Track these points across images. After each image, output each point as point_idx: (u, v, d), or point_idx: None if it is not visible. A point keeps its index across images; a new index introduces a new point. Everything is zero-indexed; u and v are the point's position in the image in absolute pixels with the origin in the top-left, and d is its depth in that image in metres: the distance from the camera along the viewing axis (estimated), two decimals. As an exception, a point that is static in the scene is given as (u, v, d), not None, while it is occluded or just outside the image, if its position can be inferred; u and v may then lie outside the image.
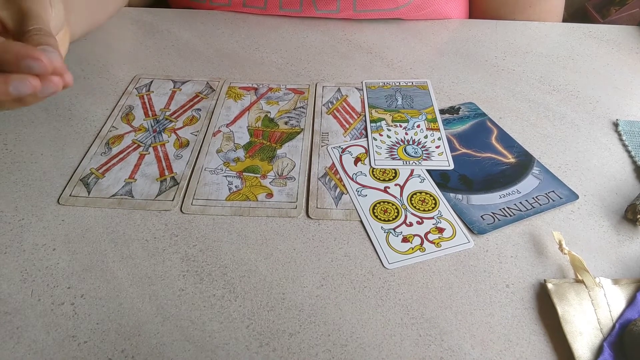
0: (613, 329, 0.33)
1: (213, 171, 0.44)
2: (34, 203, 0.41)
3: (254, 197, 0.42)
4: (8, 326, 0.33)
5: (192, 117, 0.50)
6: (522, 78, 0.56)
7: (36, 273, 0.36)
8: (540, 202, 0.42)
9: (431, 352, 0.32)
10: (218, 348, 0.32)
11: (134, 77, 0.56)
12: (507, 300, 0.35)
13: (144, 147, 0.47)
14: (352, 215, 0.41)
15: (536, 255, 0.38)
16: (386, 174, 0.44)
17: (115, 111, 0.51)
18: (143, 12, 0.67)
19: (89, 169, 0.44)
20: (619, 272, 0.37)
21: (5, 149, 0.46)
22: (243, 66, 0.58)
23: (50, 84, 0.33)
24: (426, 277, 0.37)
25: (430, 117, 0.50)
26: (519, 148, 0.47)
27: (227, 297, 0.35)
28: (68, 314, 0.34)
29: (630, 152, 0.47)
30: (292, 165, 0.45)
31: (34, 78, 0.32)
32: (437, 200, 0.42)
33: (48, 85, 0.33)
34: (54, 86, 0.33)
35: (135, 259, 0.37)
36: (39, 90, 0.33)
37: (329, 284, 0.36)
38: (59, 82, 0.34)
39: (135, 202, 0.41)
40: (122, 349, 0.32)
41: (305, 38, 0.63)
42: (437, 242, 0.39)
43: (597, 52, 0.61)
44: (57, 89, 0.34)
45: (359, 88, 0.54)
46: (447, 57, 0.60)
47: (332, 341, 0.33)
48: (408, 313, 0.34)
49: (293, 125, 0.49)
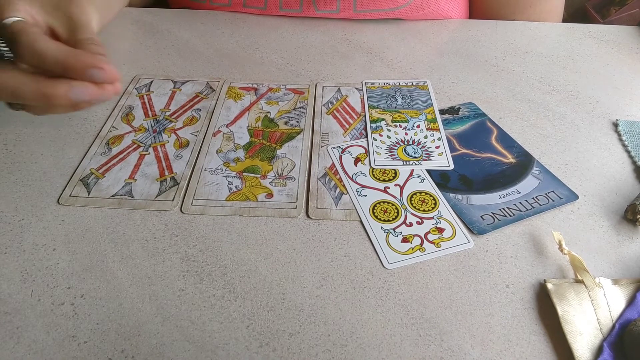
0: (613, 329, 0.33)
1: (213, 171, 0.44)
2: (34, 203, 0.41)
3: (254, 197, 0.42)
4: (8, 326, 0.33)
5: (192, 117, 0.50)
6: (522, 78, 0.56)
7: (36, 273, 0.36)
8: (540, 202, 0.42)
9: (431, 352, 0.32)
10: (218, 348, 0.32)
11: (134, 77, 0.56)
12: (507, 300, 0.35)
13: (144, 147, 0.47)
14: (352, 216, 0.41)
15: (536, 255, 0.38)
16: (386, 174, 0.44)
17: (115, 111, 0.51)
18: (143, 12, 0.67)
19: (89, 169, 0.44)
20: (618, 272, 0.37)
21: (5, 149, 0.46)
22: (243, 66, 0.58)
23: (105, 92, 0.36)
24: (426, 277, 0.37)
25: (430, 117, 0.50)
26: (518, 148, 0.47)
27: (227, 297, 0.35)
28: (68, 314, 0.34)
29: (630, 152, 0.47)
30: (292, 166, 0.45)
31: (93, 86, 0.35)
32: (437, 201, 0.42)
33: (103, 93, 0.36)
34: (108, 94, 0.36)
35: (135, 259, 0.37)
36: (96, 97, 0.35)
37: (328, 284, 0.36)
38: (111, 91, 0.36)
39: (135, 202, 0.41)
40: (122, 349, 0.32)
41: (305, 38, 0.63)
42: (437, 242, 0.39)
43: (597, 52, 0.61)
44: (109, 97, 0.37)
45: (359, 88, 0.54)
46: (447, 57, 0.60)
47: (332, 341, 0.33)
48: (408, 313, 0.34)
49: (293, 125, 0.49)
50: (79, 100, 0.35)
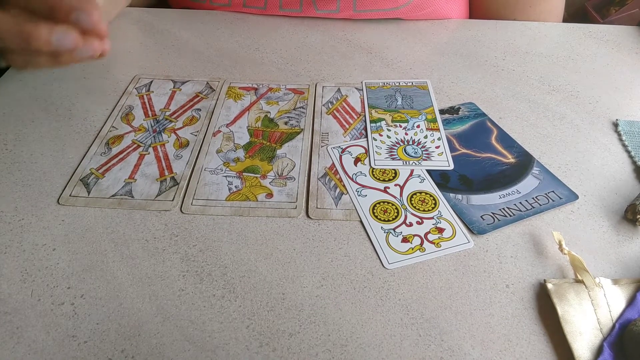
0: (613, 329, 0.33)
1: (213, 171, 0.44)
2: (34, 203, 0.41)
3: (253, 197, 0.42)
4: (8, 326, 0.33)
5: (192, 117, 0.50)
6: (522, 78, 0.56)
7: (36, 273, 0.36)
8: (540, 202, 0.42)
9: (431, 352, 0.32)
10: (218, 348, 0.32)
11: (134, 77, 0.56)
12: (507, 300, 0.35)
13: (144, 147, 0.47)
14: (352, 216, 0.41)
15: (536, 255, 0.38)
16: (386, 174, 0.44)
17: (115, 111, 0.51)
18: (143, 12, 0.67)
19: (88, 169, 0.44)
20: (618, 272, 0.37)
21: (5, 149, 0.46)
22: (243, 66, 0.58)
23: (90, 45, 0.34)
24: (426, 277, 0.37)
25: (430, 117, 0.50)
26: (518, 148, 0.47)
27: (227, 297, 0.35)
28: (68, 314, 0.34)
29: (630, 152, 0.47)
30: (292, 166, 0.45)
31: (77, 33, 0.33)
32: (437, 201, 0.42)
33: (87, 46, 0.34)
34: (93, 49, 0.34)
35: (135, 259, 0.37)
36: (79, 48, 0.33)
37: (328, 284, 0.36)
38: (97, 47, 0.34)
39: (135, 202, 0.41)
40: (122, 349, 0.32)
41: (305, 38, 0.63)
42: (437, 242, 0.39)
43: (597, 52, 0.61)
44: (94, 53, 0.34)
45: (359, 88, 0.54)
46: (447, 57, 0.60)
47: (332, 341, 0.33)
48: (408, 313, 0.34)
49: (293, 125, 0.49)
50: (61, 46, 0.33)
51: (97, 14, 0.33)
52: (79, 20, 0.33)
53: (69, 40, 0.33)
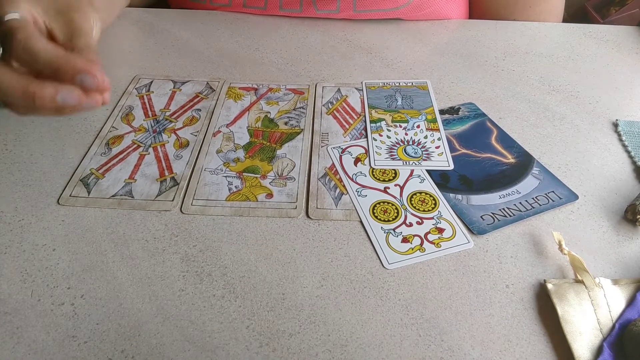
0: (613, 329, 0.33)
1: (213, 171, 0.44)
2: (34, 203, 0.41)
3: (253, 198, 0.42)
4: (8, 326, 0.33)
5: (192, 118, 0.50)
6: (522, 78, 0.56)
7: (36, 273, 0.36)
8: (540, 202, 0.42)
9: (431, 352, 0.32)
10: (218, 348, 0.32)
11: (134, 77, 0.56)
12: (507, 300, 0.35)
13: (144, 147, 0.47)
14: (352, 216, 0.41)
15: (536, 255, 0.38)
16: (386, 174, 0.44)
17: (115, 111, 0.51)
18: (143, 12, 0.67)
19: (89, 169, 0.44)
20: (618, 272, 0.37)
21: (5, 149, 0.46)
22: (243, 66, 0.58)
23: (92, 100, 0.35)
24: (426, 277, 0.37)
25: (430, 117, 0.50)
26: (518, 148, 0.47)
27: (227, 297, 0.35)
28: (68, 314, 0.34)
29: (630, 152, 0.47)
30: (292, 166, 0.45)
31: (80, 92, 0.34)
32: (437, 201, 0.42)
33: (90, 101, 0.35)
34: (95, 103, 0.35)
35: (135, 259, 0.37)
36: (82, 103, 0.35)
37: (328, 284, 0.36)
38: (99, 100, 0.36)
39: (135, 203, 0.41)
40: (122, 349, 0.32)
41: (305, 38, 0.63)
42: (437, 243, 0.39)
43: (597, 52, 0.61)
44: (96, 105, 0.36)
45: (359, 88, 0.54)
46: (447, 57, 0.60)
47: (332, 341, 0.33)
48: (408, 313, 0.34)
49: (293, 125, 0.49)
50: (65, 104, 0.34)
51: (100, 76, 0.35)
52: (84, 82, 0.34)
53: (73, 99, 0.34)
